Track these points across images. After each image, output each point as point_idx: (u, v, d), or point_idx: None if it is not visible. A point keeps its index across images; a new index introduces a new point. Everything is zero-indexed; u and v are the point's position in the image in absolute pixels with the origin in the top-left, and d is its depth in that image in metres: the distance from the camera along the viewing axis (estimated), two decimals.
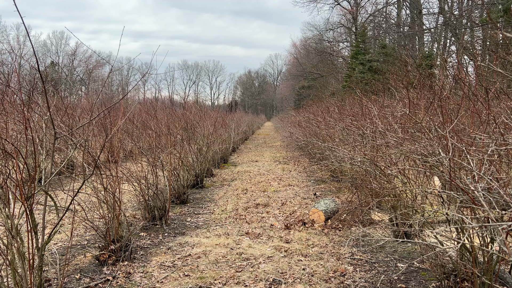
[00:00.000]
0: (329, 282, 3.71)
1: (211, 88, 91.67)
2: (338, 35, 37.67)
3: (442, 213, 3.09)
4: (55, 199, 3.27)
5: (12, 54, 14.05)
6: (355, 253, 4.50)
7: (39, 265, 3.04)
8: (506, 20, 13.73)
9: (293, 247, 4.70)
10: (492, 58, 10.52)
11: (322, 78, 34.30)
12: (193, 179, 8.33)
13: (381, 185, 4.40)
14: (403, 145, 3.76)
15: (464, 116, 4.08)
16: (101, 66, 57.35)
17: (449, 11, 23.08)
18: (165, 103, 11.49)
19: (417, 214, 3.79)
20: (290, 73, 54.59)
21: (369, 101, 6.51)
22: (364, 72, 22.51)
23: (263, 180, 9.62)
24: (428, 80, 6.19)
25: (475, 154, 2.77)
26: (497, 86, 3.48)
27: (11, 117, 4.89)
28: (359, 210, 5.51)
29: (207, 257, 4.37)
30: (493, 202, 2.42)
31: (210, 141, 9.54)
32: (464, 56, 14.47)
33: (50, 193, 3.17)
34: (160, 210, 5.61)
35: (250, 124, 28.28)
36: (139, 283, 3.71)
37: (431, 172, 3.41)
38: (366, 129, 5.73)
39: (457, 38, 19.64)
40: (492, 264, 2.84)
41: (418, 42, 25.87)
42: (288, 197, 7.61)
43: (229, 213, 6.39)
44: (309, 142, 10.14)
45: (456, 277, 3.11)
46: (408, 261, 4.19)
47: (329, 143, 7.55)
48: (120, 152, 5.37)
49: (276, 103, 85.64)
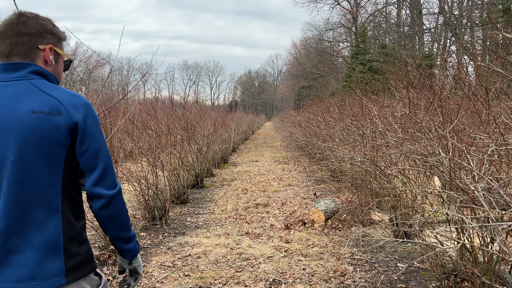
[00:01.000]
0: (329, 282, 3.71)
1: (211, 88, 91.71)
2: (338, 35, 37.70)
3: (442, 213, 3.09)
4: None
5: None
6: (355, 253, 4.50)
7: None
8: (506, 20, 13.73)
9: (293, 247, 4.70)
10: (492, 58, 10.52)
11: (322, 78, 34.30)
12: (193, 179, 8.33)
13: (381, 185, 4.40)
14: (403, 145, 3.76)
15: (464, 116, 4.08)
16: (101, 66, 57.37)
17: (449, 11, 23.09)
18: (165, 103, 11.49)
19: (417, 214, 3.79)
20: (290, 73, 54.61)
21: (369, 101, 6.51)
22: (364, 72, 22.51)
23: (263, 180, 9.62)
24: (428, 80, 6.19)
25: (475, 154, 2.77)
26: (497, 86, 3.49)
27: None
28: (359, 210, 5.51)
29: (207, 257, 4.37)
30: (493, 202, 2.42)
31: (210, 141, 9.54)
32: (464, 56, 14.47)
33: None
34: (160, 210, 5.61)
35: (250, 124, 28.28)
36: (139, 283, 3.71)
37: (431, 172, 3.41)
38: (366, 129, 5.73)
39: (457, 38, 19.64)
40: (492, 264, 2.84)
41: (418, 42, 25.88)
42: (288, 197, 7.61)
43: (229, 213, 6.39)
44: (309, 142, 10.14)
45: (456, 277, 3.11)
46: (408, 261, 4.19)
47: (329, 143, 7.55)
48: (120, 152, 5.37)
49: (276, 103, 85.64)
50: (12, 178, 1.27)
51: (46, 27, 1.41)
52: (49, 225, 1.30)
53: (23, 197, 1.28)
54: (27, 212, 1.29)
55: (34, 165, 1.28)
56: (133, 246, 1.51)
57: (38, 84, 1.33)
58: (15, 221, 1.28)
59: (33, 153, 1.27)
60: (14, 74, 1.33)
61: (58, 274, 1.30)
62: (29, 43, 1.36)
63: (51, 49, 1.40)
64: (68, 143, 1.31)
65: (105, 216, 1.39)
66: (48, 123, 1.28)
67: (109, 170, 1.38)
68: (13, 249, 1.28)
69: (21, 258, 1.27)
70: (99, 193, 1.35)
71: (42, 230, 1.30)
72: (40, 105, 1.29)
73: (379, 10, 32.40)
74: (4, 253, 1.27)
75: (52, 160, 1.30)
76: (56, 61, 1.43)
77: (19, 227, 1.28)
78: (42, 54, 1.38)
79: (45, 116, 1.28)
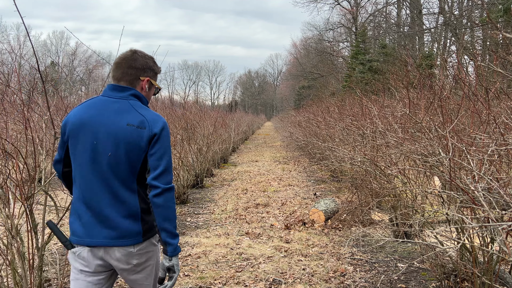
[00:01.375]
0: (329, 282, 3.71)
1: (211, 88, 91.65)
2: (338, 35, 37.68)
3: (442, 213, 3.09)
4: (55, 199, 3.27)
5: (12, 54, 14.03)
6: (355, 253, 4.50)
7: (39, 265, 3.03)
8: (506, 20, 13.72)
9: (293, 247, 4.70)
10: (492, 58, 10.52)
11: (322, 78, 34.29)
12: (193, 179, 8.33)
13: (381, 185, 4.40)
14: (403, 145, 3.76)
15: (464, 116, 4.08)
16: (101, 66, 57.35)
17: (449, 11, 23.08)
18: (165, 103, 11.47)
19: (417, 214, 3.79)
20: (290, 73, 54.59)
21: (369, 101, 6.51)
22: (364, 72, 22.50)
23: (263, 180, 9.62)
24: (428, 80, 6.18)
25: (475, 154, 2.77)
26: (497, 86, 3.48)
27: (11, 117, 4.88)
28: (359, 210, 5.51)
29: (207, 257, 4.37)
30: (493, 202, 2.42)
31: (210, 141, 9.54)
32: (464, 56, 14.47)
33: (50, 193, 3.17)
34: None
35: (250, 124, 28.27)
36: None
37: (431, 172, 3.41)
38: (366, 129, 5.73)
39: (457, 38, 19.64)
40: (492, 264, 2.84)
41: (418, 42, 25.87)
42: (288, 197, 7.61)
43: (229, 213, 6.39)
44: (309, 142, 10.14)
45: (456, 277, 3.11)
46: (408, 261, 4.19)
47: (329, 143, 7.55)
48: None
49: (276, 103, 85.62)
50: (108, 167, 1.82)
51: (149, 64, 1.97)
52: (131, 201, 1.85)
53: (114, 181, 1.83)
54: (117, 192, 1.83)
55: (122, 161, 1.81)
56: (176, 243, 1.88)
57: (134, 104, 1.89)
58: (109, 198, 1.83)
59: (122, 153, 1.81)
60: (119, 94, 1.89)
61: (138, 234, 1.86)
62: (134, 75, 1.92)
63: (148, 81, 1.96)
64: (147, 149, 1.83)
65: (156, 202, 1.82)
66: (137, 133, 1.81)
67: (167, 171, 1.85)
68: (108, 217, 1.82)
69: (114, 223, 1.82)
70: (156, 185, 1.81)
71: (127, 204, 1.84)
72: (133, 120, 1.83)
73: (379, 10, 32.40)
74: (102, 220, 1.83)
75: (134, 159, 1.82)
76: (149, 88, 1.98)
77: (112, 201, 1.83)
78: (141, 83, 1.95)
79: (135, 128, 1.82)
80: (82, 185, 1.86)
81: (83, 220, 1.86)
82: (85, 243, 1.84)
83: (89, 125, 1.84)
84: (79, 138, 1.85)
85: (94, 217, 1.84)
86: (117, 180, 1.83)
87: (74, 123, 1.87)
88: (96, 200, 1.84)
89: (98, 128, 1.83)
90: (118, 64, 1.93)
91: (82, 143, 1.85)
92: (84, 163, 1.85)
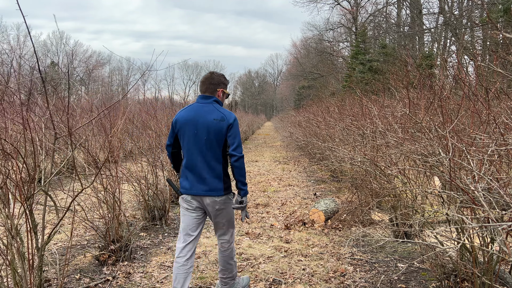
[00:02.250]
0: (329, 282, 3.71)
1: None
2: (338, 35, 37.69)
3: (442, 213, 3.08)
4: (55, 199, 3.27)
5: (12, 54, 14.05)
6: (355, 253, 4.50)
7: (39, 265, 3.03)
8: (506, 20, 13.72)
9: (293, 247, 4.70)
10: (492, 58, 10.52)
11: (322, 78, 34.30)
12: None
13: (381, 185, 4.40)
14: (403, 145, 3.76)
15: (464, 116, 4.08)
16: (101, 66, 57.37)
17: (449, 11, 23.09)
18: (165, 103, 11.47)
19: (417, 214, 3.79)
20: (290, 73, 54.61)
21: (369, 101, 6.51)
22: (364, 72, 22.50)
23: (263, 180, 9.62)
24: (428, 80, 6.18)
25: (475, 154, 2.77)
26: (497, 86, 3.48)
27: (10, 117, 4.88)
28: (359, 210, 5.51)
29: (207, 257, 4.37)
30: (493, 202, 2.41)
31: None
32: (464, 56, 14.47)
33: (50, 193, 3.17)
34: (160, 210, 5.61)
35: (250, 124, 28.28)
36: (139, 283, 3.71)
37: (431, 172, 3.41)
38: (366, 129, 5.73)
39: (457, 38, 19.64)
40: (492, 264, 2.84)
41: (418, 42, 25.88)
42: (288, 197, 7.60)
43: None
44: (309, 142, 10.14)
45: (456, 277, 3.11)
46: (408, 261, 4.19)
47: (329, 143, 7.55)
48: (120, 152, 5.36)
49: (276, 103, 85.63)
50: (205, 147, 2.95)
51: (221, 80, 3.14)
52: (217, 168, 2.99)
53: (209, 156, 2.96)
54: (209, 162, 2.97)
55: (213, 142, 2.95)
56: (246, 188, 3.04)
57: (216, 106, 3.03)
58: (205, 166, 2.97)
59: (213, 137, 2.94)
60: (206, 100, 3.05)
61: (220, 190, 3.00)
62: (213, 88, 3.10)
63: (221, 91, 3.14)
64: (226, 133, 2.95)
65: (235, 165, 2.94)
66: (220, 125, 2.94)
67: (239, 146, 2.95)
68: (204, 178, 2.98)
69: (207, 182, 2.98)
70: (234, 154, 2.92)
71: (215, 170, 2.99)
72: (217, 116, 2.96)
73: (379, 10, 32.41)
74: (200, 179, 2.98)
75: (220, 141, 2.96)
76: (223, 95, 3.16)
77: (206, 168, 2.97)
78: (218, 92, 3.12)
79: (218, 121, 2.94)
80: (188, 158, 3.00)
81: (189, 179, 3.01)
82: (190, 193, 3.01)
83: (191, 121, 2.98)
84: (186, 130, 2.99)
85: (195, 177, 2.99)
86: (210, 154, 2.95)
87: (181, 120, 3.02)
88: (197, 167, 2.97)
89: (197, 123, 2.96)
90: (203, 82, 3.11)
91: (188, 132, 2.98)
92: (190, 144, 2.98)
